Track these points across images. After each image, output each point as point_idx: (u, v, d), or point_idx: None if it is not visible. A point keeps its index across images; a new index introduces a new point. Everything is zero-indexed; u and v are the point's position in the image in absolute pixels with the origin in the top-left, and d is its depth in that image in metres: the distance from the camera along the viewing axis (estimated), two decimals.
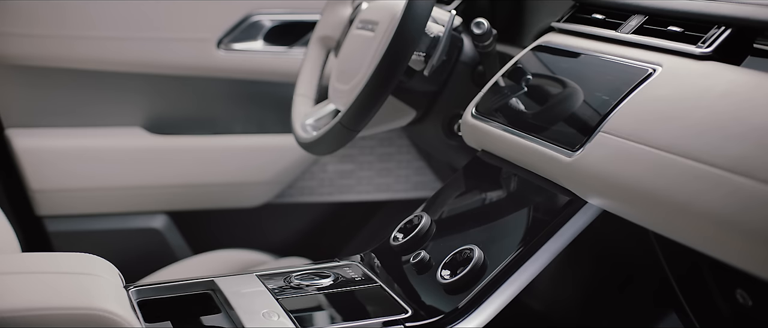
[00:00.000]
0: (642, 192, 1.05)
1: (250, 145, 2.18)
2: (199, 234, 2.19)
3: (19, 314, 0.94)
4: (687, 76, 1.13)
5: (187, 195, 2.15)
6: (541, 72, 1.38)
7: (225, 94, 2.18)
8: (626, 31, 1.30)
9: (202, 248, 2.03)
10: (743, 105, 1.01)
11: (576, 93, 1.23)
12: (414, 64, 1.51)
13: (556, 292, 1.19)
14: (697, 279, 1.18)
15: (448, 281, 1.16)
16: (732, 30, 1.16)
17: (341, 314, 1.15)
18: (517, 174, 1.32)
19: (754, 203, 0.91)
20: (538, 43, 1.44)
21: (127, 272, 1.21)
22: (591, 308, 1.24)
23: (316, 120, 1.65)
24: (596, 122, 1.16)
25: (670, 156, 1.03)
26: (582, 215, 1.16)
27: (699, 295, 1.20)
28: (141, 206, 2.13)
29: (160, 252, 2.11)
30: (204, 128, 2.17)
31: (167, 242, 2.14)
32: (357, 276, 1.24)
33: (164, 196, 2.13)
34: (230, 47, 2.16)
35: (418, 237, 1.29)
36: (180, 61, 2.11)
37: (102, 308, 0.97)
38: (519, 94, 1.36)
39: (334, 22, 1.77)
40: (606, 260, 1.22)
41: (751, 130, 0.97)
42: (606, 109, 1.16)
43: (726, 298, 1.14)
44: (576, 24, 1.43)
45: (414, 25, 1.36)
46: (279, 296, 1.16)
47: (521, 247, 1.16)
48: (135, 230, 2.13)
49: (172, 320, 1.13)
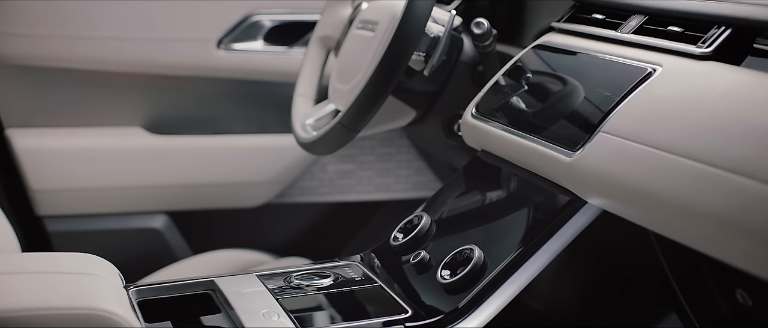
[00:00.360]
0: (642, 192, 1.05)
1: (250, 145, 2.18)
2: (199, 234, 2.19)
3: (19, 314, 0.94)
4: (687, 76, 1.13)
5: (187, 195, 2.15)
6: (541, 72, 1.38)
7: (225, 94, 2.18)
8: (626, 31, 1.30)
9: (202, 248, 2.03)
10: (743, 105, 1.01)
11: (576, 93, 1.24)
12: (414, 64, 1.51)
13: (556, 292, 1.19)
14: (697, 279, 1.18)
15: (448, 281, 1.16)
16: (732, 30, 1.16)
17: (341, 314, 1.15)
18: (517, 174, 1.32)
19: (755, 203, 0.91)
20: (538, 43, 1.44)
21: (127, 272, 1.21)
22: (591, 308, 1.24)
23: (316, 120, 1.65)
24: (596, 122, 1.16)
25: (670, 156, 1.03)
26: (582, 215, 1.16)
27: (699, 295, 1.20)
28: (141, 206, 2.13)
29: (160, 252, 2.11)
30: (204, 128, 2.17)
31: (167, 242, 2.14)
32: (357, 276, 1.24)
33: (164, 196, 2.13)
34: (230, 47, 2.16)
35: (418, 237, 1.29)
36: (180, 61, 2.11)
37: (102, 308, 0.97)
38: (519, 94, 1.36)
39: (334, 22, 1.77)
40: (606, 260, 1.22)
41: (752, 130, 0.97)
42: (606, 110, 1.16)
43: (726, 298, 1.14)
44: (576, 24, 1.43)
45: (414, 25, 1.36)
46: (279, 296, 1.16)
47: (521, 247, 1.16)
48: (135, 230, 2.13)
49: (172, 320, 1.13)
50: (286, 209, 2.26)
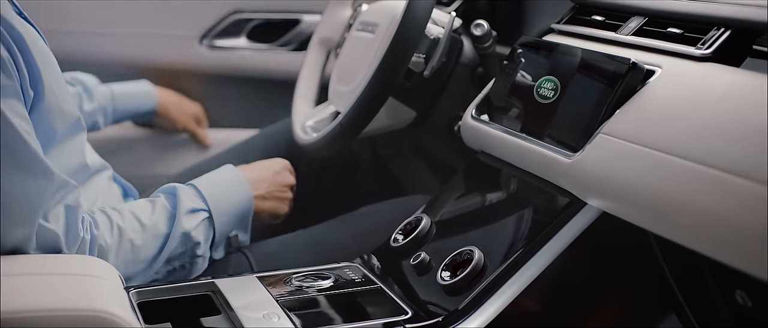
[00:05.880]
0: (641, 194, 1.05)
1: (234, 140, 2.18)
2: None
3: (20, 316, 0.94)
4: (686, 78, 1.13)
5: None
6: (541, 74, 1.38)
7: (208, 90, 2.19)
8: (626, 32, 1.30)
9: None
10: (742, 106, 1.02)
11: (575, 95, 1.24)
12: (414, 65, 1.52)
13: (556, 293, 1.19)
14: (696, 280, 1.18)
15: (449, 282, 1.16)
16: (731, 31, 1.16)
17: (341, 315, 1.15)
18: (516, 176, 1.32)
19: (754, 204, 0.91)
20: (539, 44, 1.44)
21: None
22: (591, 309, 1.24)
23: (316, 122, 1.65)
24: (596, 124, 1.16)
25: (669, 157, 1.03)
26: (582, 217, 1.16)
27: (699, 296, 1.20)
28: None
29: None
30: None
31: None
32: (357, 277, 1.25)
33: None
34: (213, 44, 2.17)
35: (418, 238, 1.29)
36: (162, 57, 2.11)
37: (102, 309, 0.97)
38: (519, 95, 1.36)
39: (334, 24, 1.77)
40: (606, 261, 1.23)
41: (751, 131, 0.97)
42: (605, 111, 1.16)
43: (725, 299, 1.14)
44: (576, 25, 1.43)
45: (414, 26, 1.36)
46: (279, 297, 1.16)
47: (521, 248, 1.16)
48: None
49: (172, 321, 1.13)
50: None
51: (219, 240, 1.37)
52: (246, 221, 1.41)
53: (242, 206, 1.39)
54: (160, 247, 1.28)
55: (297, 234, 1.57)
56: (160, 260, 1.28)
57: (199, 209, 1.33)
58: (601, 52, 1.26)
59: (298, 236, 1.56)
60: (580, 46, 1.31)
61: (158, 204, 1.31)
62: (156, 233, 1.28)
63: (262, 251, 1.49)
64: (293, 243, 1.54)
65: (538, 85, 1.29)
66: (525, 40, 1.38)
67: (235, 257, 1.47)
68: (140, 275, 1.26)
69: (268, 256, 1.48)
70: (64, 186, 1.14)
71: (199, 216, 1.32)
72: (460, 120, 1.46)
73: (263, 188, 1.45)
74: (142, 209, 1.29)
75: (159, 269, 1.28)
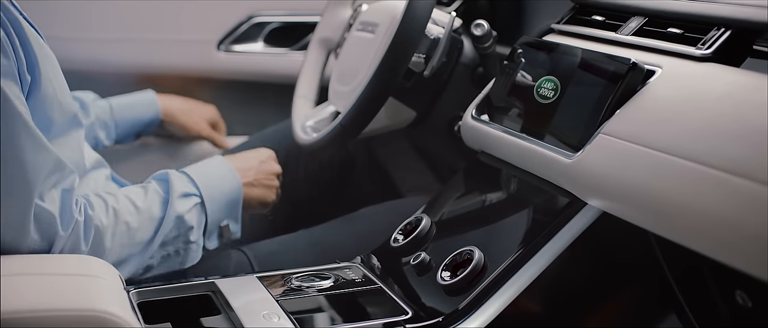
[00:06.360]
0: (642, 194, 1.05)
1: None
2: None
3: (20, 316, 0.94)
4: (687, 78, 1.13)
5: None
6: (541, 74, 1.38)
7: (225, 95, 2.18)
8: (626, 32, 1.30)
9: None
10: (743, 107, 1.02)
11: (575, 95, 1.24)
12: (414, 65, 1.52)
13: (557, 293, 1.19)
14: (696, 280, 1.18)
15: (449, 282, 1.16)
16: (731, 31, 1.16)
17: (341, 315, 1.15)
18: (516, 176, 1.32)
19: (754, 204, 0.91)
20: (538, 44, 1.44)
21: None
22: (591, 309, 1.24)
23: (317, 122, 1.65)
24: (596, 124, 1.16)
25: (669, 158, 1.03)
26: (582, 217, 1.16)
27: (699, 296, 1.20)
28: None
29: None
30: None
31: None
32: (357, 278, 1.25)
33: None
34: (230, 49, 2.16)
35: (419, 238, 1.29)
36: (180, 63, 2.11)
37: (102, 309, 0.97)
38: (519, 95, 1.36)
39: (334, 24, 1.77)
40: (606, 261, 1.23)
41: (751, 131, 0.97)
42: (606, 111, 1.16)
43: (726, 299, 1.14)
44: (576, 25, 1.43)
45: (414, 26, 1.36)
46: (279, 297, 1.16)
47: (521, 248, 1.16)
48: None
49: (172, 321, 1.13)
50: None
51: (211, 228, 1.37)
52: (236, 209, 1.41)
53: (232, 194, 1.40)
54: (154, 229, 1.28)
55: (297, 234, 1.57)
56: (155, 242, 1.28)
57: (191, 193, 1.33)
58: (601, 52, 1.26)
59: (298, 236, 1.56)
60: (580, 46, 1.31)
61: (151, 189, 1.32)
62: (151, 216, 1.28)
63: (262, 251, 1.49)
64: (293, 243, 1.54)
65: (538, 85, 1.29)
66: (525, 40, 1.38)
67: (236, 256, 1.47)
68: (136, 258, 1.27)
69: (269, 256, 1.48)
70: (61, 168, 1.14)
71: (191, 200, 1.33)
72: (460, 120, 1.46)
73: (251, 175, 1.45)
74: (135, 194, 1.30)
75: (154, 253, 1.28)
